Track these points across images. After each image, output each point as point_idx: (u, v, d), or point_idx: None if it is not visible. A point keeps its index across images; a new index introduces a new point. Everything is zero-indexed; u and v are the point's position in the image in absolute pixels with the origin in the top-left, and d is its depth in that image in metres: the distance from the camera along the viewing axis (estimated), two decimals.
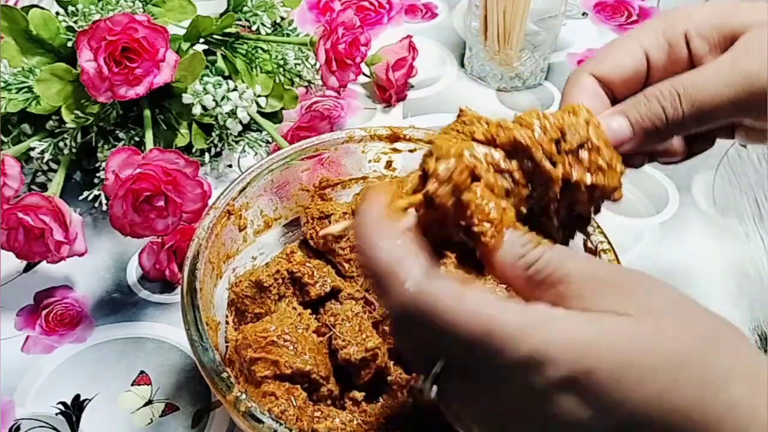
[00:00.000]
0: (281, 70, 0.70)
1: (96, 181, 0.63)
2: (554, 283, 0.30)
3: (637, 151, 0.39)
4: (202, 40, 0.68)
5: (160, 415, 0.52)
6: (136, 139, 0.64)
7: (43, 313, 0.58)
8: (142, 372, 0.55)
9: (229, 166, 0.70)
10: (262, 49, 0.70)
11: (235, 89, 0.64)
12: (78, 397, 0.53)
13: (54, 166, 0.62)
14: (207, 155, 0.68)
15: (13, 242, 0.54)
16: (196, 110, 0.63)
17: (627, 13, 0.90)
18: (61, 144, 0.61)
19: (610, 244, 0.48)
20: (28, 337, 0.57)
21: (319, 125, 0.68)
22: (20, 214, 0.53)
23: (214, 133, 0.68)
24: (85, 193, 0.63)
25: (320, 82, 0.70)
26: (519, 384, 0.28)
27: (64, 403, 0.53)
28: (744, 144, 0.73)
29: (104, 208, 0.62)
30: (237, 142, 0.69)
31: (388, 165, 0.57)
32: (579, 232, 0.37)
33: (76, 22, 0.62)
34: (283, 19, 0.73)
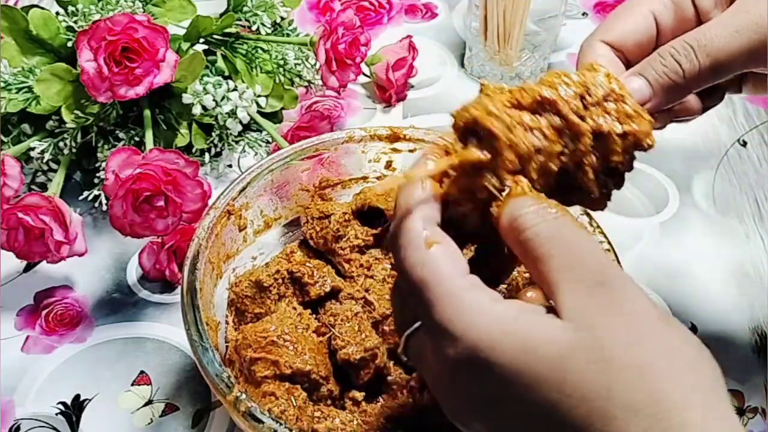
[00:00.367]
0: (281, 70, 0.70)
1: (96, 181, 0.63)
2: (535, 260, 0.30)
3: (658, 111, 0.39)
4: (202, 40, 0.68)
5: (160, 415, 0.52)
6: (136, 139, 0.64)
7: (43, 313, 0.58)
8: (142, 372, 0.55)
9: (229, 166, 0.70)
10: (262, 49, 0.70)
11: (235, 89, 0.64)
12: (78, 397, 0.53)
13: (54, 166, 0.62)
14: (207, 155, 0.68)
15: (13, 242, 0.54)
16: (196, 110, 0.63)
17: None
18: (61, 144, 0.61)
19: (610, 244, 0.48)
20: (28, 337, 0.57)
21: (319, 125, 0.68)
22: (20, 214, 0.53)
23: (214, 133, 0.68)
24: (85, 193, 0.63)
25: (320, 82, 0.70)
26: (437, 349, 0.30)
27: (64, 403, 0.53)
28: (744, 144, 0.73)
29: (104, 208, 0.62)
30: (237, 142, 0.69)
31: (388, 165, 0.57)
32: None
33: (76, 22, 0.62)
34: (283, 19, 0.73)
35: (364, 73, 0.75)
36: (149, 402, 0.53)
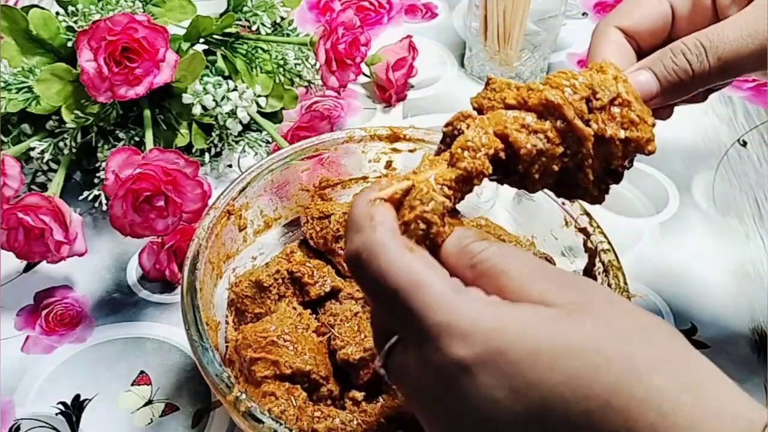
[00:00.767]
0: (281, 70, 0.70)
1: (96, 181, 0.63)
2: (496, 275, 0.30)
3: (663, 105, 0.39)
4: (202, 40, 0.68)
5: (160, 415, 0.52)
6: (136, 139, 0.64)
7: (43, 313, 0.58)
8: (142, 372, 0.55)
9: (229, 166, 0.70)
10: (262, 49, 0.70)
11: (235, 89, 0.64)
12: (78, 397, 0.53)
13: (54, 166, 0.62)
14: (207, 155, 0.68)
15: (13, 242, 0.54)
16: (196, 110, 0.63)
17: None
18: (61, 144, 0.61)
19: (610, 244, 0.48)
20: (28, 337, 0.57)
21: (319, 125, 0.68)
22: (20, 214, 0.53)
23: (214, 133, 0.68)
24: (85, 193, 0.63)
25: (320, 82, 0.70)
26: (434, 359, 0.29)
27: (64, 403, 0.53)
28: (744, 144, 0.73)
29: (104, 208, 0.62)
30: (237, 142, 0.69)
31: (388, 165, 0.57)
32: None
33: (76, 22, 0.63)
34: (283, 19, 0.73)
35: (364, 73, 0.75)
36: (149, 402, 0.53)
